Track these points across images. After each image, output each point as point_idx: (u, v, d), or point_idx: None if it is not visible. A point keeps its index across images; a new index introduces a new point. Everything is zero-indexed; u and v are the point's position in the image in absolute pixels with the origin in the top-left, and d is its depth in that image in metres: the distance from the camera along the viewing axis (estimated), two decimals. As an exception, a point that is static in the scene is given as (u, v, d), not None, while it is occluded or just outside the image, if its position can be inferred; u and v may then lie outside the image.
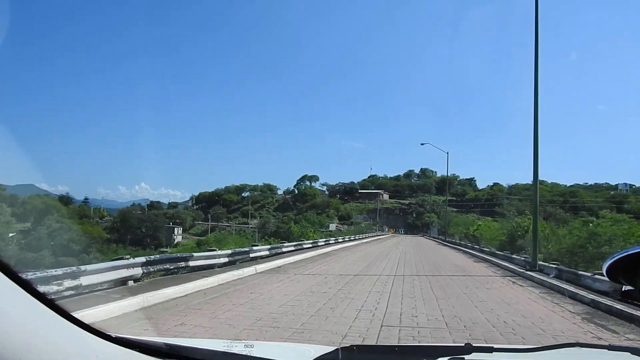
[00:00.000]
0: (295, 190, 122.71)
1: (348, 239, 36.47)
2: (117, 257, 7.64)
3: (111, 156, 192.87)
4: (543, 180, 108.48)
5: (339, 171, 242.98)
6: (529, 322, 6.29)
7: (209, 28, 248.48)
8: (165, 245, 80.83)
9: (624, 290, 1.20)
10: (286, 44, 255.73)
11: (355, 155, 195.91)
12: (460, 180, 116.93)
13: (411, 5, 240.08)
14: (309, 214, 68.69)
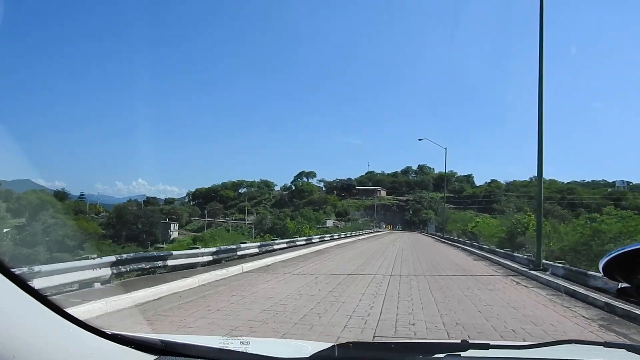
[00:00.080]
0: (292, 186, 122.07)
1: (344, 236, 35.72)
2: (83, 257, 6.87)
3: (109, 152, 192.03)
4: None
5: (336, 167, 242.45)
6: (540, 331, 5.57)
7: (206, 24, 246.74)
8: (162, 242, 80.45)
9: (620, 287, 1.18)
10: (284, 40, 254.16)
11: (352, 152, 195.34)
12: (458, 177, 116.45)
13: (409, 1, 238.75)
14: (305, 210, 68.05)
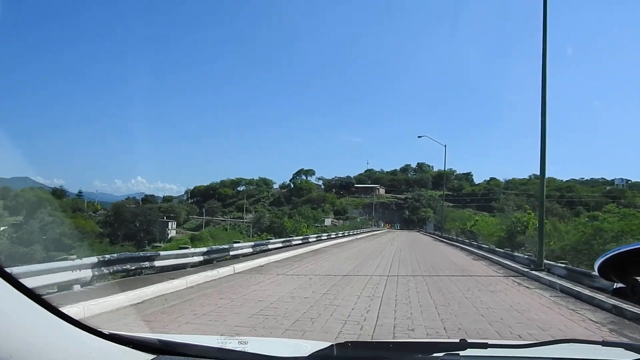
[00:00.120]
0: (291, 184, 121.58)
1: (342, 235, 35.37)
2: (61, 257, 6.49)
3: (107, 150, 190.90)
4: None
5: (335, 165, 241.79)
6: (548, 337, 5.18)
7: (205, 21, 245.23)
8: (159, 240, 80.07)
9: (616, 287, 1.20)
10: (283, 37, 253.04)
11: (351, 150, 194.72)
12: (457, 175, 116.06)
13: (409, 0, 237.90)
14: (303, 208, 67.65)
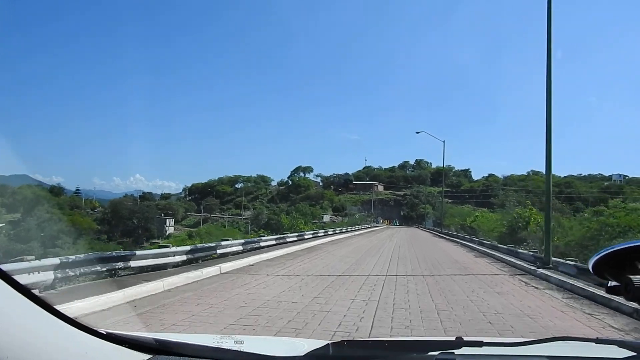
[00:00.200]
0: (289, 181, 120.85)
1: (339, 231, 34.68)
2: (17, 258, 5.76)
3: (106, 148, 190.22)
4: (538, 172, 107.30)
5: (333, 162, 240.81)
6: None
7: (202, 19, 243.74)
8: (157, 237, 79.48)
9: (610, 286, 1.14)
10: (280, 35, 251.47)
11: (349, 147, 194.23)
12: (456, 172, 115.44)
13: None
14: (301, 205, 66.91)
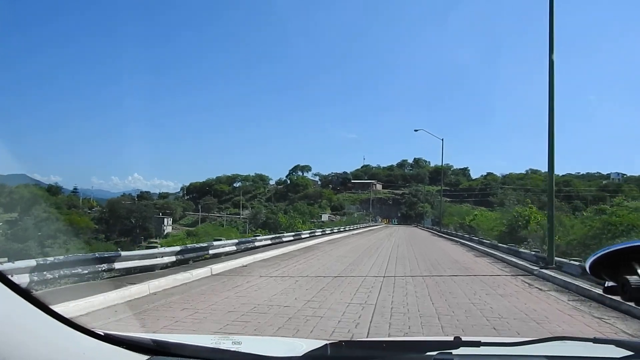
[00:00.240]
0: (287, 180, 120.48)
1: (337, 230, 34.29)
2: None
3: (104, 147, 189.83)
4: (537, 170, 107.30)
5: (331, 161, 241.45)
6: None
7: (200, 18, 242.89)
8: (155, 236, 79.19)
9: (607, 286, 1.15)
10: (278, 34, 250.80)
11: (348, 145, 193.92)
12: (454, 170, 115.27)
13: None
14: (299, 204, 66.64)
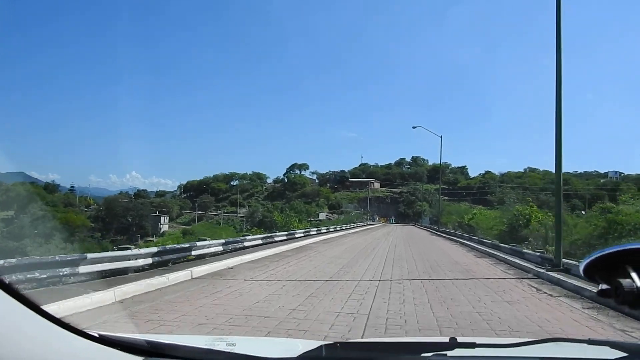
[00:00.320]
0: (285, 178, 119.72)
1: (333, 229, 33.55)
2: None
3: (102, 145, 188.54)
4: (535, 169, 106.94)
5: (329, 159, 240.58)
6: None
7: (197, 17, 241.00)
8: (152, 235, 78.56)
9: (601, 289, 1.13)
10: (276, 32, 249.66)
11: (346, 144, 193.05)
12: (452, 169, 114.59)
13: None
14: (295, 202, 65.92)
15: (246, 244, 13.59)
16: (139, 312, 5.50)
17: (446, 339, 1.23)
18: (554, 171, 11.65)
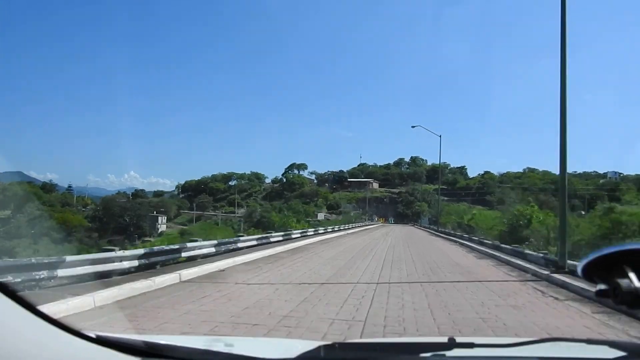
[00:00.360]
0: (283, 179, 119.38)
1: (331, 230, 33.15)
2: None
3: (101, 145, 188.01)
4: (534, 169, 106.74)
5: (328, 159, 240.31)
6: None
7: (195, 15, 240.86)
8: (150, 235, 78.12)
9: (599, 290, 1.12)
10: (273, 32, 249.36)
11: (344, 144, 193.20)
12: (451, 169, 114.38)
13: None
14: (293, 202, 65.54)
15: (240, 245, 13.18)
16: (118, 320, 5.11)
17: (445, 339, 1.23)
18: (553, 171, 11.43)
